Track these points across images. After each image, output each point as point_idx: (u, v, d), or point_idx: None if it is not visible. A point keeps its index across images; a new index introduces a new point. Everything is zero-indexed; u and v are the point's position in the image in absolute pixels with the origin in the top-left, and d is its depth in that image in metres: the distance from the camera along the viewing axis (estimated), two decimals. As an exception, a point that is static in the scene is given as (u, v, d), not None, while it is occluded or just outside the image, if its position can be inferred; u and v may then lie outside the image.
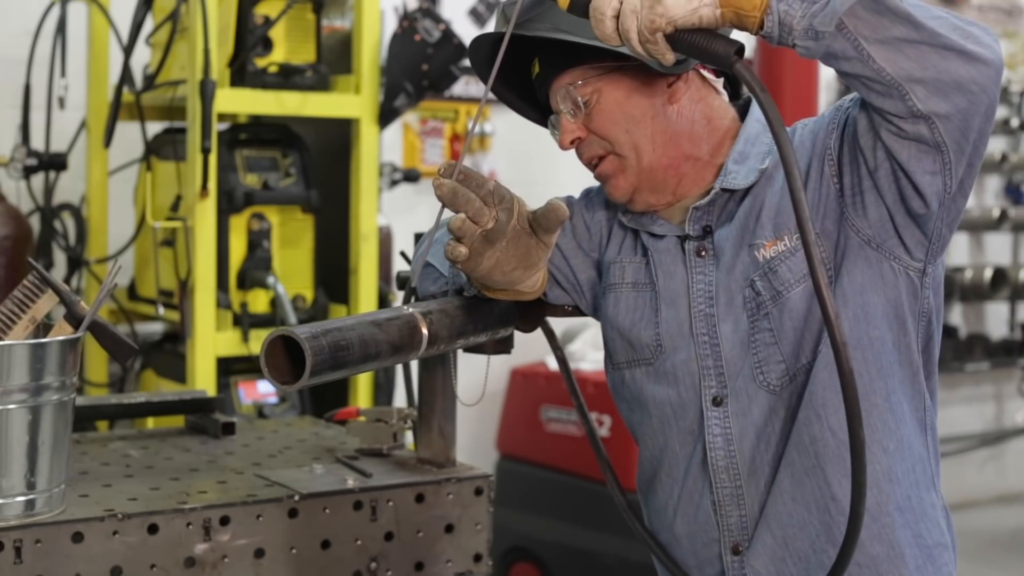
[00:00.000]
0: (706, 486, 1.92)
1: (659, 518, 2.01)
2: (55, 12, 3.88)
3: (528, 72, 1.99)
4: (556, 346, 2.20)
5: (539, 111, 2.05)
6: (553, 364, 4.50)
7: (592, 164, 1.95)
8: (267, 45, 3.64)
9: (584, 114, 1.89)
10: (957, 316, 6.80)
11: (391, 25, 3.94)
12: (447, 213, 1.82)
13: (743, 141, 1.91)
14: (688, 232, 1.92)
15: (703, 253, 1.92)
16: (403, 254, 2.30)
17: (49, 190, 3.90)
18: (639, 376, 1.99)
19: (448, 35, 3.75)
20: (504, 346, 2.13)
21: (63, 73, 3.86)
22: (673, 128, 1.89)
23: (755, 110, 1.95)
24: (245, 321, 3.57)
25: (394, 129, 4.97)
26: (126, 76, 3.61)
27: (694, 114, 1.91)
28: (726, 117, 1.95)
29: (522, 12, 1.81)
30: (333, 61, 3.81)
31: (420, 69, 3.74)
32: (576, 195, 2.12)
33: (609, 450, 2.22)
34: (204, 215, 3.48)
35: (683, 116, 1.90)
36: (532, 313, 2.09)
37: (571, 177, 5.47)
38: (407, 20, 3.79)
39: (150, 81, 3.72)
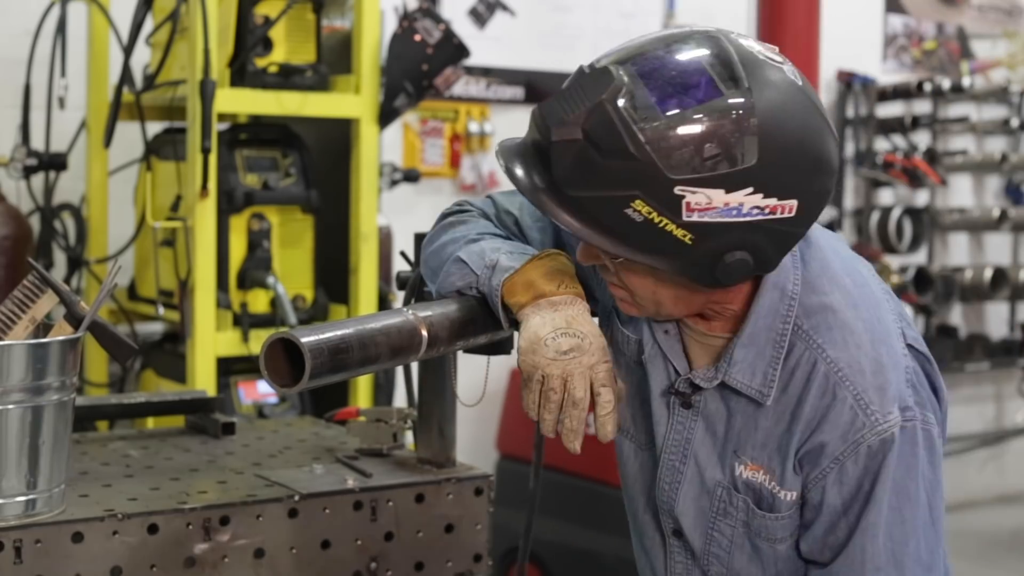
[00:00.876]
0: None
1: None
2: (55, 12, 3.87)
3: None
4: None
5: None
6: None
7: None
8: (267, 45, 3.64)
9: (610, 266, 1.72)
10: (957, 316, 6.80)
11: (391, 25, 3.94)
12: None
13: (754, 320, 1.73)
14: (677, 387, 1.81)
15: (689, 406, 1.81)
16: (403, 254, 2.30)
17: (49, 190, 3.90)
18: (627, 451, 1.94)
19: (448, 35, 3.75)
20: (504, 347, 2.13)
21: (63, 73, 3.86)
22: (696, 296, 1.72)
23: (770, 278, 1.73)
24: (245, 321, 3.57)
25: (394, 129, 4.97)
26: (126, 76, 3.61)
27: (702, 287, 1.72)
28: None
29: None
30: (333, 61, 3.81)
31: (420, 69, 3.74)
32: None
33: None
34: (204, 215, 3.48)
35: (700, 288, 1.71)
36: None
37: (571, 177, 5.43)
38: (407, 20, 3.79)
39: (150, 81, 3.72)
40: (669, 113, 1.55)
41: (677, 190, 1.55)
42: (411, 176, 4.35)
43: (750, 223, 1.58)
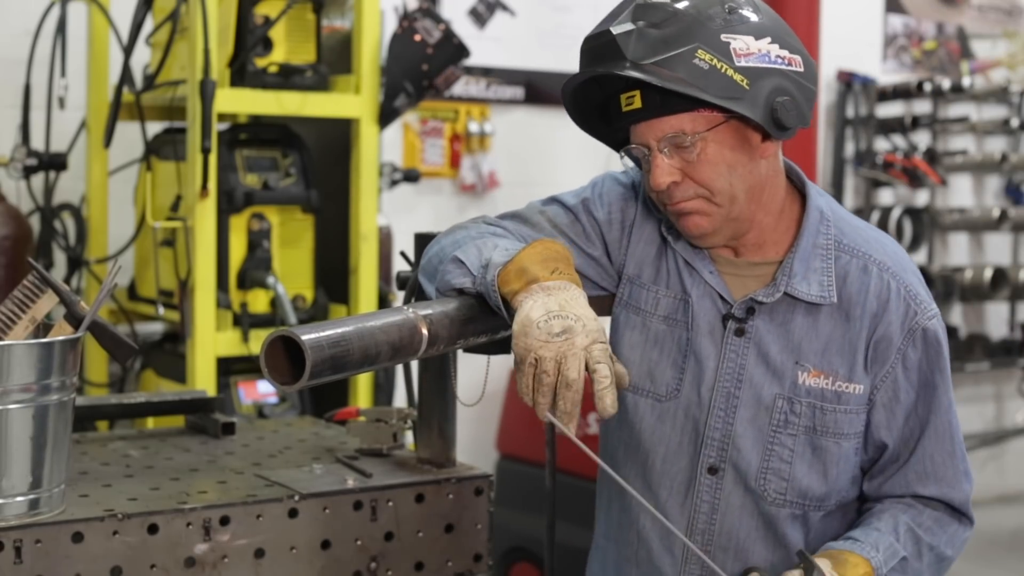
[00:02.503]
0: (675, 541, 2.04)
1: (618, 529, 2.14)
2: (55, 12, 3.87)
3: (605, 95, 2.00)
4: None
5: (601, 128, 2.05)
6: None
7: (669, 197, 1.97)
8: (267, 45, 3.64)
9: (686, 160, 1.92)
10: (957, 316, 6.80)
11: (391, 25, 3.94)
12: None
13: (807, 236, 2.00)
14: (733, 312, 1.98)
15: (742, 334, 1.98)
16: (403, 254, 2.30)
17: (49, 190, 3.90)
18: (643, 407, 2.03)
19: (448, 35, 3.76)
20: (504, 346, 2.12)
21: (63, 73, 3.86)
22: (760, 181, 1.97)
23: (811, 200, 2.03)
24: (245, 321, 3.58)
25: (394, 129, 4.97)
26: (126, 76, 3.61)
27: (773, 171, 1.99)
28: (784, 183, 2.04)
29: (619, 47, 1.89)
30: (333, 61, 3.81)
31: (420, 69, 3.74)
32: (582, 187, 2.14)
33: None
34: (204, 215, 3.48)
35: (768, 171, 1.98)
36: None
37: (570, 177, 5.47)
38: (407, 20, 3.79)
39: (150, 81, 3.72)
40: None
41: (723, 37, 1.86)
42: (411, 176, 4.35)
43: (780, 70, 1.89)
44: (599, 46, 1.90)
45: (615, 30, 1.88)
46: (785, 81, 1.89)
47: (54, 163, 3.84)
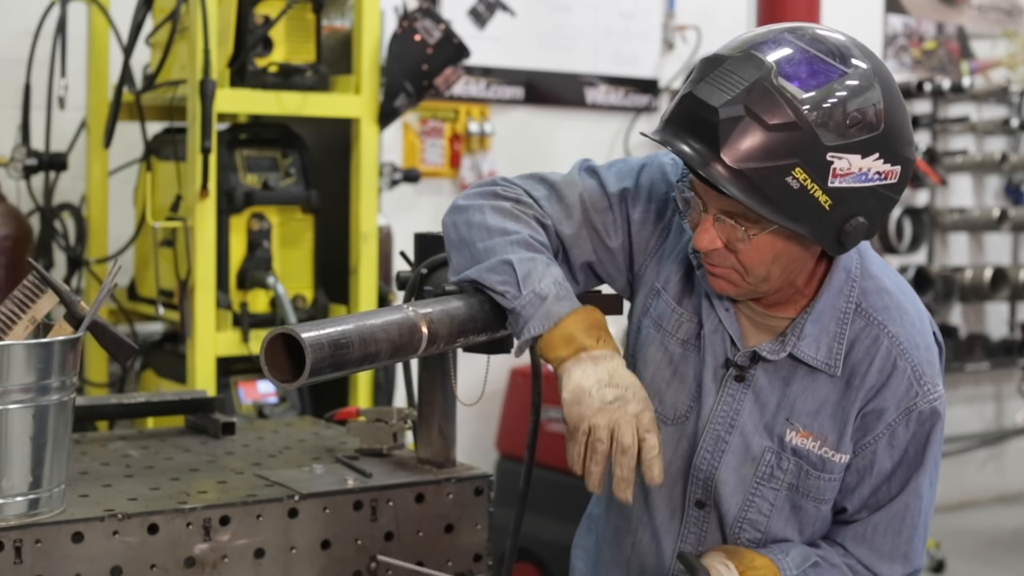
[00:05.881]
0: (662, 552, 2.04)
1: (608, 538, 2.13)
2: (55, 12, 3.87)
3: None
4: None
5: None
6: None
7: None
8: (267, 45, 3.64)
9: (735, 237, 1.82)
10: (957, 316, 6.80)
11: (391, 25, 3.94)
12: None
13: (827, 297, 1.91)
14: (736, 359, 1.93)
15: (742, 380, 1.94)
16: (403, 254, 2.30)
17: (49, 190, 3.90)
18: None
19: (448, 35, 3.76)
20: (504, 346, 2.12)
21: (63, 73, 3.86)
22: (799, 268, 1.88)
23: (840, 260, 1.92)
24: (245, 321, 3.58)
25: (394, 129, 4.97)
26: (126, 76, 3.61)
27: (813, 255, 1.89)
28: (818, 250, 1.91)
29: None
30: (333, 61, 3.81)
31: (420, 69, 3.74)
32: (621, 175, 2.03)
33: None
34: (204, 215, 3.48)
35: (808, 259, 1.88)
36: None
37: (571, 177, 5.42)
38: (407, 20, 3.79)
39: (150, 81, 3.72)
40: (818, 86, 1.72)
41: (829, 156, 1.72)
42: (411, 176, 4.35)
43: (870, 188, 1.76)
44: (699, 117, 1.74)
45: (723, 112, 1.72)
46: (871, 199, 1.77)
47: (54, 163, 3.84)
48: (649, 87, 5.62)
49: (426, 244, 2.21)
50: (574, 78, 5.45)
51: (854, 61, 1.75)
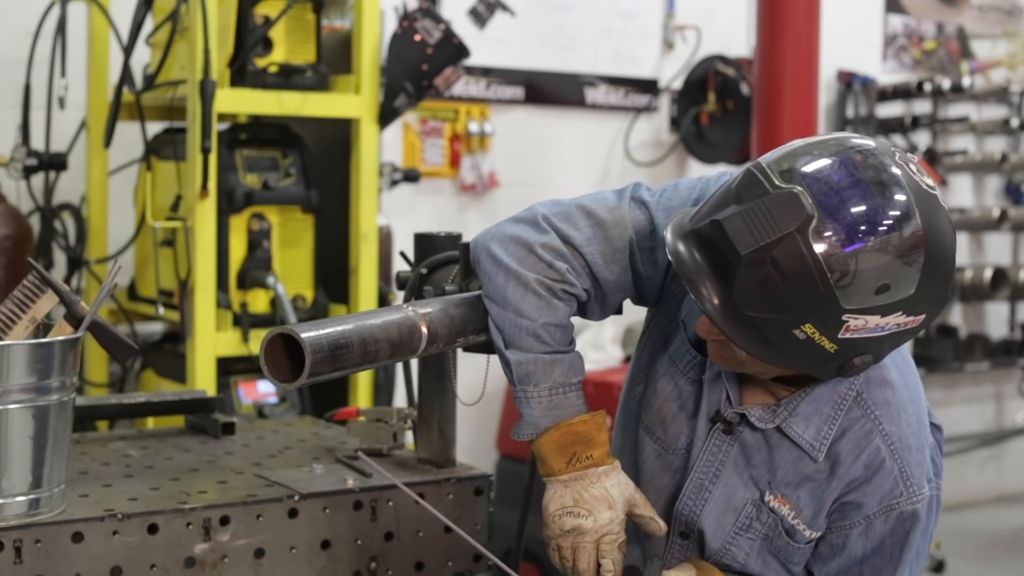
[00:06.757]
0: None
1: None
2: (55, 12, 3.87)
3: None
4: None
5: None
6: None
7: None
8: (267, 45, 3.64)
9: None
10: (957, 316, 6.80)
11: (391, 25, 3.93)
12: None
13: (829, 381, 1.86)
14: (726, 415, 1.92)
15: (730, 432, 1.93)
16: (403, 254, 2.30)
17: (49, 190, 3.90)
18: (649, 449, 2.02)
19: (448, 35, 3.75)
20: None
21: (63, 73, 3.86)
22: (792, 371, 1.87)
23: None
24: (245, 321, 3.58)
25: (394, 129, 4.96)
26: (126, 76, 3.61)
27: None
28: None
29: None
30: (333, 61, 3.81)
31: (420, 69, 3.74)
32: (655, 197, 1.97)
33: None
34: (204, 215, 3.48)
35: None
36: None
37: (570, 177, 5.48)
38: (407, 20, 3.79)
39: (150, 81, 3.72)
40: (851, 249, 1.64)
41: (845, 316, 1.67)
42: (411, 176, 4.35)
43: (885, 335, 1.71)
44: (722, 252, 1.69)
45: (746, 259, 1.67)
46: (884, 341, 1.73)
47: (54, 163, 3.84)
48: (649, 87, 5.62)
49: (426, 244, 2.21)
50: (574, 78, 5.45)
51: (909, 222, 1.65)
